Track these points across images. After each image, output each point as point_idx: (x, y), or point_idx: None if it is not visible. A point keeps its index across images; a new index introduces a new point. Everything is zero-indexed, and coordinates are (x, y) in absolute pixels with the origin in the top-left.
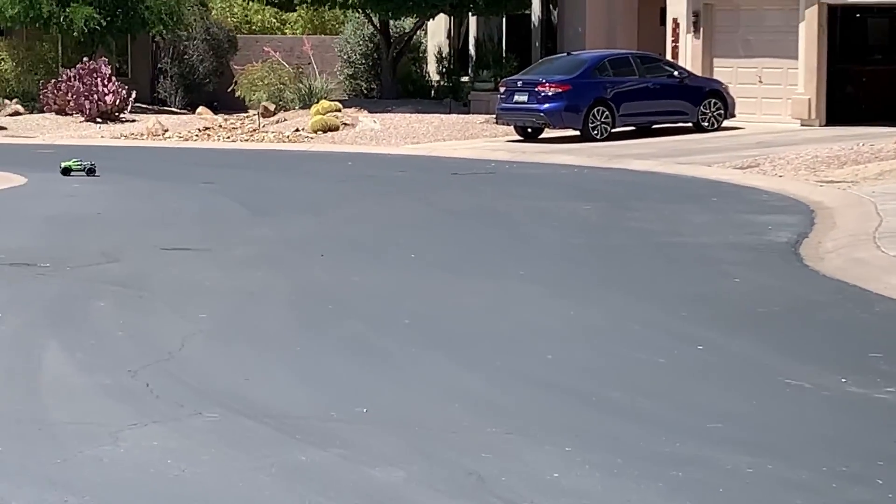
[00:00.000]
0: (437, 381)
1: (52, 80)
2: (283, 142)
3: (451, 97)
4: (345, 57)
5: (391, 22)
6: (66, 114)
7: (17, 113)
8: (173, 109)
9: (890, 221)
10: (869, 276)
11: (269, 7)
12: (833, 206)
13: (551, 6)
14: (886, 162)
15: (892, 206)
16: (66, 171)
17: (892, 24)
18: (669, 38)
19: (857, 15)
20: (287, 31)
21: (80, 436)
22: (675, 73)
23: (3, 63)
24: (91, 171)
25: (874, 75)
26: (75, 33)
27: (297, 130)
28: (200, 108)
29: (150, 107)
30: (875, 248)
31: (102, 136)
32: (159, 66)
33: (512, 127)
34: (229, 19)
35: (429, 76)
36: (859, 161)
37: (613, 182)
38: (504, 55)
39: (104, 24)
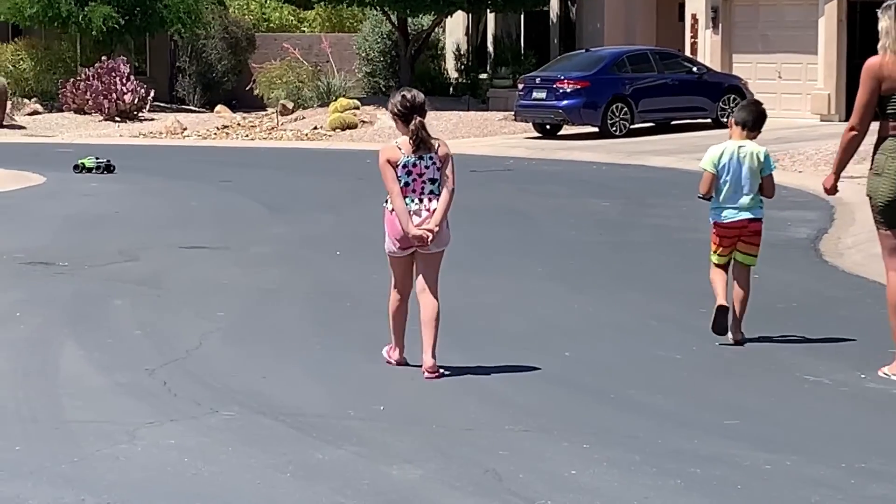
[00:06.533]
0: (453, 378)
1: (71, 80)
2: (302, 140)
3: (470, 94)
4: (363, 55)
5: (409, 19)
6: (85, 113)
7: (35, 112)
8: (192, 108)
9: None
10: None
11: (286, 5)
12: (852, 202)
13: (570, 3)
14: None
15: None
16: (81, 169)
17: None
18: (688, 34)
19: (878, 10)
20: (305, 28)
21: (98, 434)
22: (694, 68)
23: (22, 62)
24: (108, 169)
25: None
26: (94, 32)
27: (316, 128)
28: (219, 107)
29: (168, 105)
30: None
31: (121, 135)
32: (178, 64)
33: (530, 124)
34: (247, 17)
35: (447, 73)
36: None
37: (632, 178)
38: (522, 52)
39: (122, 23)
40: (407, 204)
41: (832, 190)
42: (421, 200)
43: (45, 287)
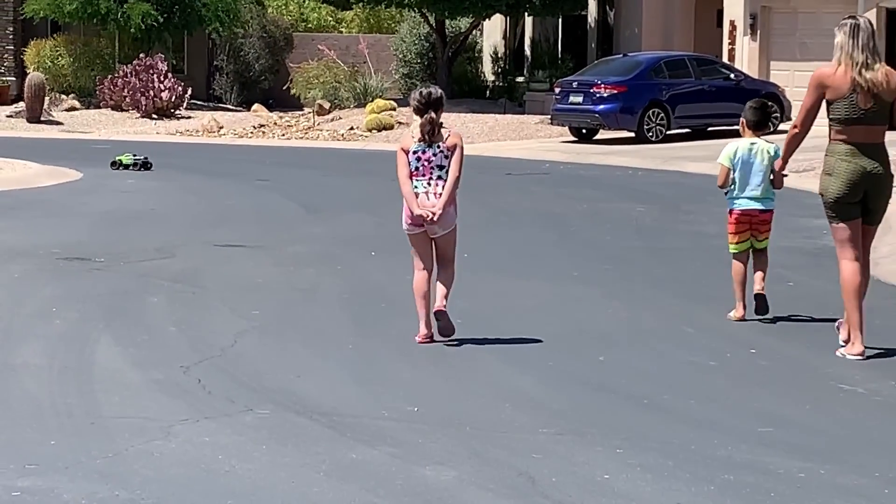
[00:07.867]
0: (488, 381)
1: (109, 76)
2: (338, 140)
3: (506, 97)
4: (400, 56)
5: (447, 21)
6: (122, 110)
7: (73, 108)
8: (229, 107)
9: None
10: None
11: (325, 5)
12: (889, 211)
13: (608, 7)
14: None
15: None
16: (119, 165)
17: None
18: (726, 41)
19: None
20: (343, 29)
21: (132, 430)
22: (732, 75)
23: (60, 59)
24: (146, 166)
25: None
26: (132, 30)
27: (352, 129)
28: (256, 106)
29: (205, 104)
30: None
31: (158, 133)
32: (215, 63)
33: (567, 128)
34: (285, 17)
35: (484, 76)
36: None
37: (668, 184)
38: (560, 56)
39: (161, 20)
40: (416, 187)
41: (780, 172)
42: (429, 184)
43: (81, 283)
